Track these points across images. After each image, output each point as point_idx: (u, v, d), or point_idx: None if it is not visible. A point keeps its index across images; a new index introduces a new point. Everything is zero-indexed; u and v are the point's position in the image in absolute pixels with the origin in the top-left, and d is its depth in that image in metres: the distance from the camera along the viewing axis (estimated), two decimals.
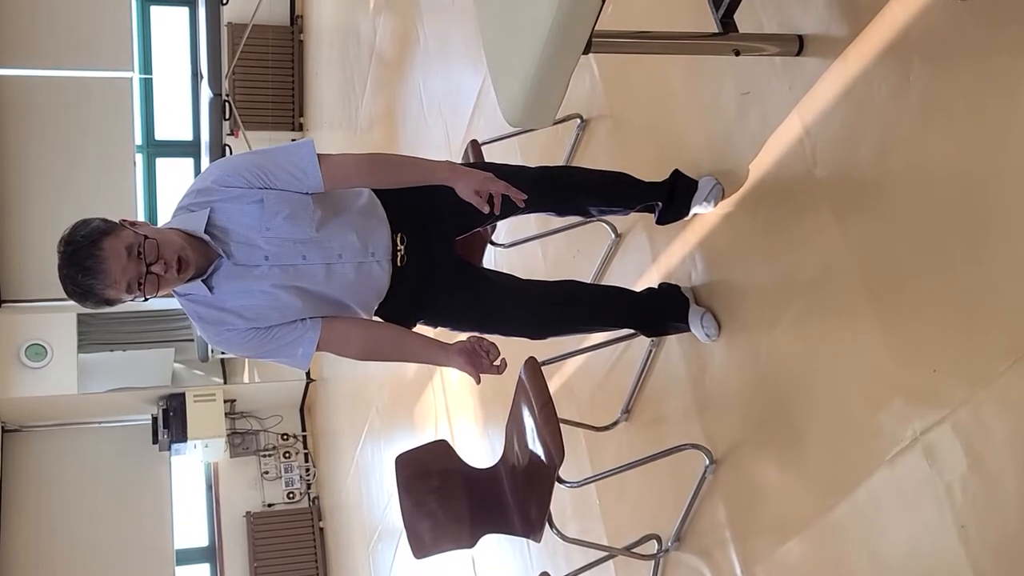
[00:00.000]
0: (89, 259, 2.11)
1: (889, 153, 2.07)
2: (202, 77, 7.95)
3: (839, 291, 2.22)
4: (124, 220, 2.21)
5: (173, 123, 8.93)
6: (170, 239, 2.21)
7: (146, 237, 2.16)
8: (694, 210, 2.69)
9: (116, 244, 2.13)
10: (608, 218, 3.15)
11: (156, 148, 8.88)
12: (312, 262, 2.33)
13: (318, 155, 2.33)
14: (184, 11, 8.73)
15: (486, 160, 3.09)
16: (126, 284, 2.14)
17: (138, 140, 8.55)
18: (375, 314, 2.51)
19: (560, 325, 2.75)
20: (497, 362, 2.35)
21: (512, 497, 2.71)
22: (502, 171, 2.47)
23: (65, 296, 2.18)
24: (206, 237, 2.25)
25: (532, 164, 3.79)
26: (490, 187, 2.35)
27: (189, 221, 2.27)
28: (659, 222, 2.76)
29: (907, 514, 2.04)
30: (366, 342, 2.46)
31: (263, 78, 8.48)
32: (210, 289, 2.29)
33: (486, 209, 2.36)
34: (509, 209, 2.48)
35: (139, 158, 8.58)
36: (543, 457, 2.53)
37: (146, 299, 2.21)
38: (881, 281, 2.10)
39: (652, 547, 2.88)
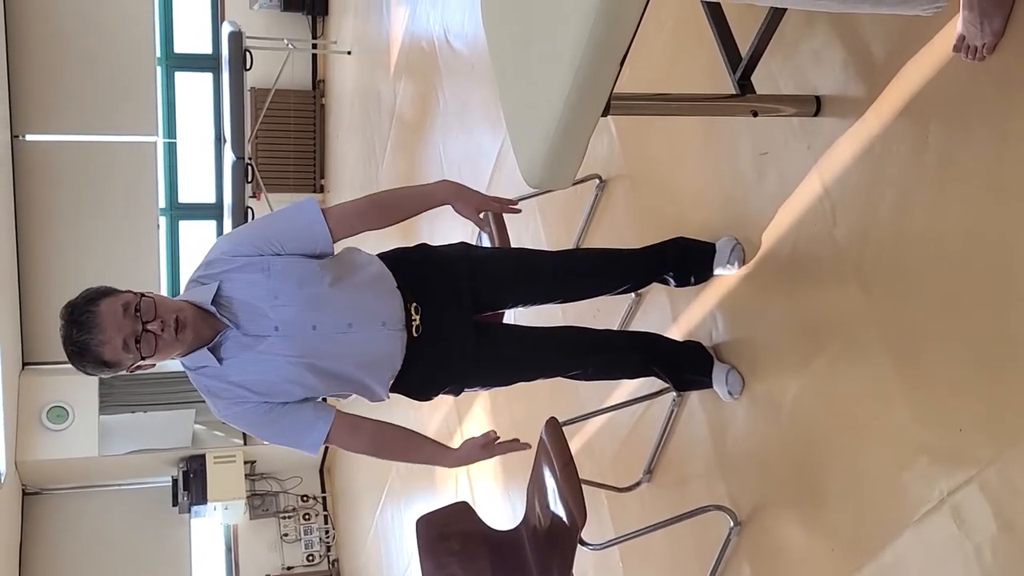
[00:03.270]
0: (84, 315, 2.13)
1: (909, 213, 2.07)
2: (225, 141, 8.07)
3: (861, 350, 2.21)
4: (131, 291, 2.22)
5: (196, 186, 9.04)
6: (171, 302, 2.23)
7: (143, 296, 2.18)
8: (717, 272, 2.69)
9: (113, 303, 2.15)
10: None
11: (179, 211, 8.98)
12: (322, 332, 2.30)
13: (321, 210, 2.35)
14: (208, 76, 8.88)
15: (505, 225, 3.12)
16: (121, 341, 2.13)
17: (162, 203, 8.65)
18: (392, 389, 2.47)
19: (585, 365, 2.69)
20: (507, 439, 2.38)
21: (534, 559, 2.68)
22: (521, 261, 2.57)
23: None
24: (212, 308, 2.25)
25: (551, 225, 3.83)
26: (490, 205, 2.40)
27: (198, 294, 2.28)
28: (679, 286, 2.76)
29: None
30: (374, 438, 2.45)
31: (285, 141, 8.60)
32: (219, 360, 2.27)
33: (486, 230, 2.39)
34: (527, 299, 2.56)
35: (163, 221, 8.68)
36: (565, 519, 2.51)
37: (143, 360, 2.18)
38: (903, 341, 2.09)
39: None
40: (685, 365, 2.73)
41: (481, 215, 2.44)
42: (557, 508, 2.55)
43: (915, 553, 2.06)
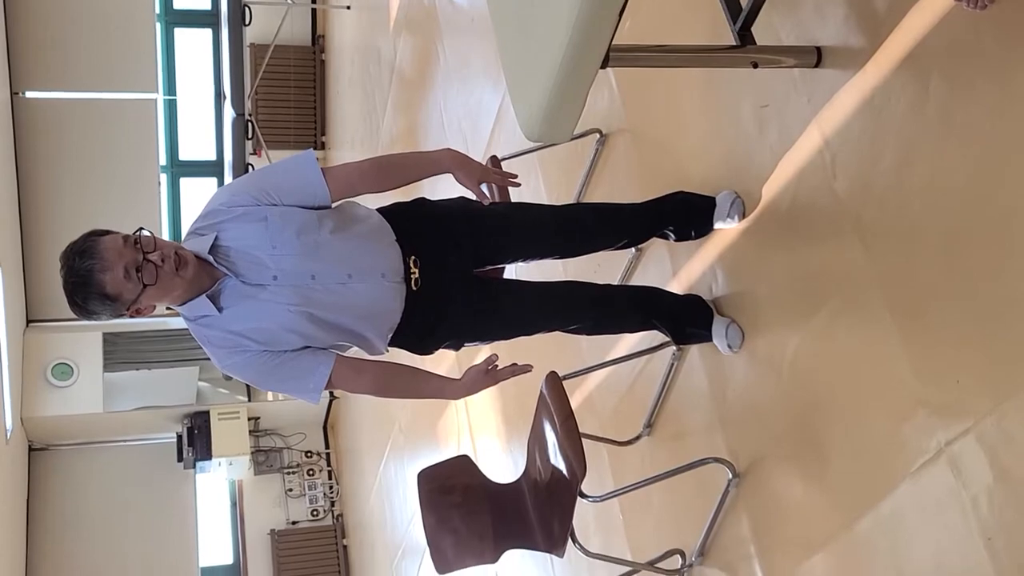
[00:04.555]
0: (86, 244, 2.16)
1: (910, 166, 2.06)
2: (225, 97, 8.04)
3: (860, 304, 2.21)
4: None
5: (197, 143, 9.01)
6: (169, 241, 2.25)
7: (141, 229, 2.19)
8: (717, 225, 2.68)
9: (114, 236, 2.18)
10: None
11: (180, 168, 8.96)
12: (321, 282, 2.30)
13: (322, 169, 2.34)
14: (207, 33, 8.82)
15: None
16: (123, 269, 2.13)
17: (162, 160, 8.62)
18: (392, 343, 2.47)
19: (586, 319, 2.69)
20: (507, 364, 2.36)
21: (535, 512, 2.70)
22: (521, 215, 2.56)
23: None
24: (208, 257, 2.25)
25: (551, 180, 3.82)
26: (491, 177, 2.42)
27: (196, 244, 2.28)
28: (679, 240, 2.76)
29: (933, 527, 2.03)
30: (376, 376, 2.43)
31: (285, 98, 8.54)
32: (219, 309, 2.27)
33: (487, 202, 2.39)
34: (527, 253, 2.57)
35: (163, 178, 8.66)
36: (565, 472, 2.52)
37: (144, 290, 2.15)
38: (902, 294, 2.10)
39: (676, 562, 2.87)
40: (685, 318, 2.73)
41: (483, 187, 2.44)
42: (557, 461, 2.57)
43: (913, 504, 2.07)
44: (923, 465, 2.04)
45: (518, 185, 2.53)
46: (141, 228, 2.20)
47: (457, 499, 2.81)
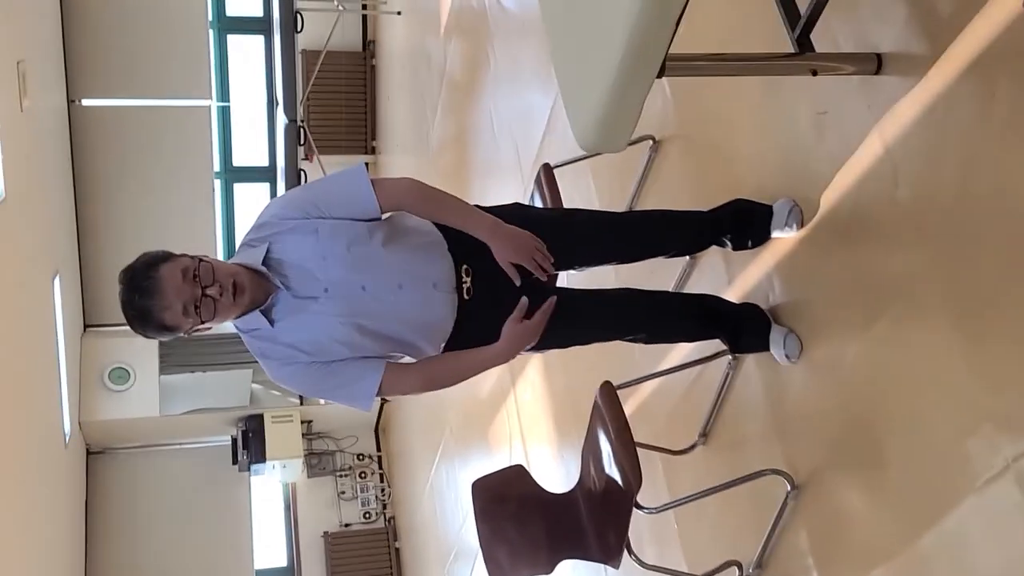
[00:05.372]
0: (146, 280, 2.16)
1: (974, 174, 2.01)
2: (278, 103, 8.10)
3: (923, 313, 2.17)
4: (187, 254, 2.23)
5: (250, 149, 9.10)
6: (226, 265, 2.25)
7: (201, 260, 2.20)
8: (775, 234, 2.65)
9: (172, 268, 2.17)
10: None
11: (233, 174, 9.05)
12: (372, 293, 2.31)
13: (372, 180, 2.34)
14: (260, 39, 8.90)
15: (557, 186, 3.09)
16: (181, 306, 2.16)
17: (216, 166, 8.72)
18: (444, 351, 2.45)
19: (642, 329, 2.66)
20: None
21: (589, 522, 2.69)
22: (580, 221, 2.54)
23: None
24: (263, 269, 2.27)
25: (604, 186, 3.79)
26: (524, 259, 2.32)
27: (249, 256, 2.30)
28: (736, 249, 2.73)
29: (999, 544, 1.98)
30: (421, 370, 2.41)
31: (336, 103, 8.60)
32: (271, 323, 2.30)
33: (518, 282, 2.33)
34: (583, 260, 2.54)
35: (217, 184, 8.76)
36: (620, 482, 2.51)
37: (203, 323, 2.21)
38: (967, 304, 2.05)
39: (733, 574, 2.83)
40: (742, 328, 2.70)
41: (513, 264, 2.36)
42: (612, 471, 2.55)
43: (978, 520, 2.03)
44: (988, 481, 1.99)
45: (553, 276, 2.47)
46: (203, 258, 2.21)
47: (512, 509, 2.81)
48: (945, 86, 2.07)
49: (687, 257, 3.14)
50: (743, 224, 2.66)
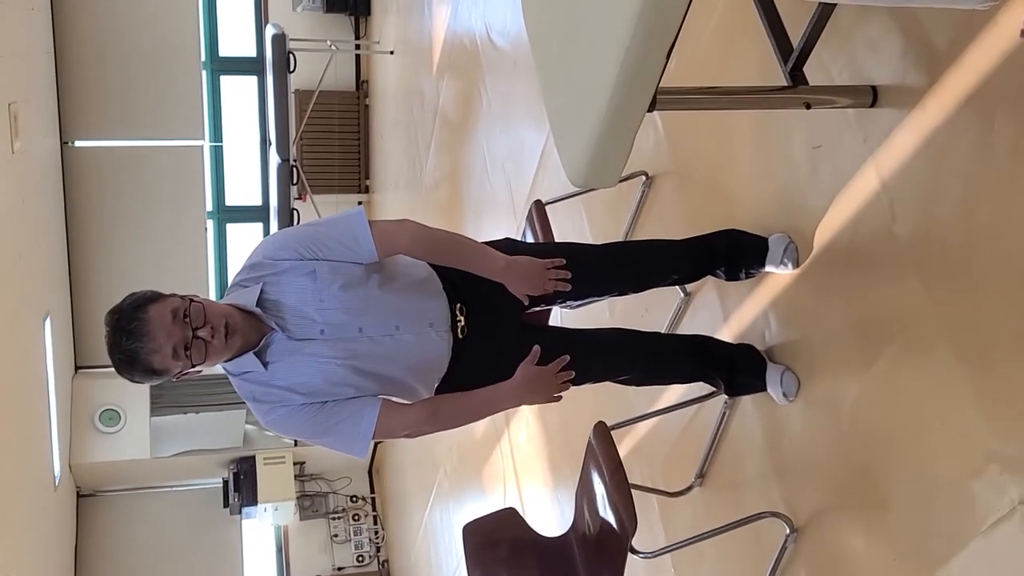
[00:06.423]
0: (133, 322, 2.07)
1: (974, 207, 1.97)
2: (270, 143, 8.09)
3: (925, 351, 2.11)
4: (176, 294, 2.16)
5: (243, 189, 9.09)
6: (218, 306, 2.18)
7: (192, 300, 2.13)
8: (769, 269, 2.60)
9: (161, 309, 2.09)
10: None
11: (226, 214, 9.04)
12: (368, 334, 2.26)
13: (371, 222, 2.29)
14: (253, 80, 8.92)
15: (549, 223, 3.05)
16: (171, 349, 2.08)
17: (209, 206, 8.71)
18: (438, 392, 2.40)
19: (636, 369, 2.62)
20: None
21: (584, 567, 2.62)
22: (575, 255, 2.45)
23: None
24: (257, 311, 2.21)
25: (597, 222, 3.76)
26: (541, 289, 2.30)
27: (241, 296, 2.24)
28: (729, 280, 2.69)
29: None
30: (423, 408, 2.32)
31: (329, 142, 8.61)
32: (264, 365, 2.23)
33: (526, 302, 2.31)
34: (575, 293, 2.45)
35: (210, 224, 8.74)
36: (615, 525, 2.44)
37: (193, 366, 2.14)
38: (970, 341, 2.00)
39: None
40: (737, 369, 2.65)
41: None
42: (607, 514, 2.49)
43: (984, 564, 1.96)
44: (995, 523, 1.93)
45: (567, 286, 2.42)
46: (193, 298, 2.14)
47: (504, 553, 2.74)
48: (943, 118, 2.04)
49: (681, 294, 3.10)
50: (736, 256, 2.62)
